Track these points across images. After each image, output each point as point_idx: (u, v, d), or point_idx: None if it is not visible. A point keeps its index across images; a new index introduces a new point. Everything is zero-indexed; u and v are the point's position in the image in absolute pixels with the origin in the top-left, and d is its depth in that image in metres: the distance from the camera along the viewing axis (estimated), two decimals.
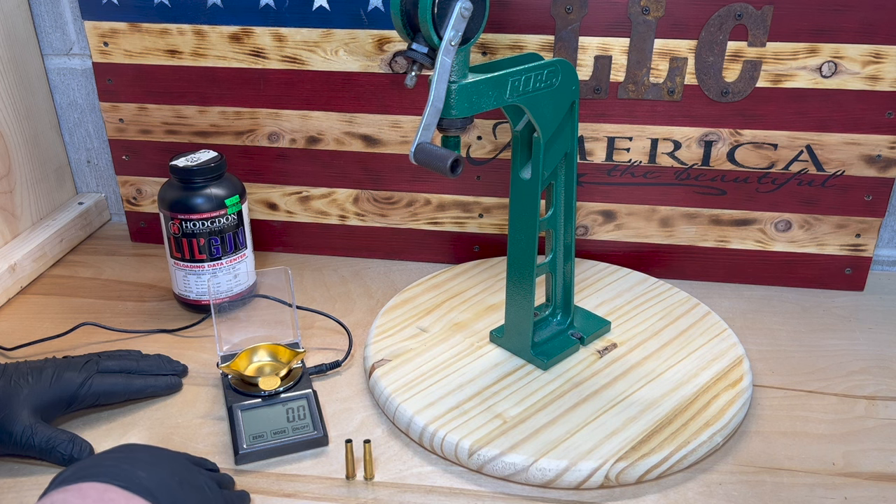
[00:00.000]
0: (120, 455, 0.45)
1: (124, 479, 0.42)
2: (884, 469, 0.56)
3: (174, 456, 0.49)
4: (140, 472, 0.43)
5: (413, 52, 0.50)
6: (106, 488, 0.40)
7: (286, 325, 0.68)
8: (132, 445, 0.48)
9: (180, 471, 0.46)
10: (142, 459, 0.45)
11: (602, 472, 0.54)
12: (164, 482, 0.44)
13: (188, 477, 0.47)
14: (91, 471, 0.42)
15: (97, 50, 0.80)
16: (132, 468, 0.43)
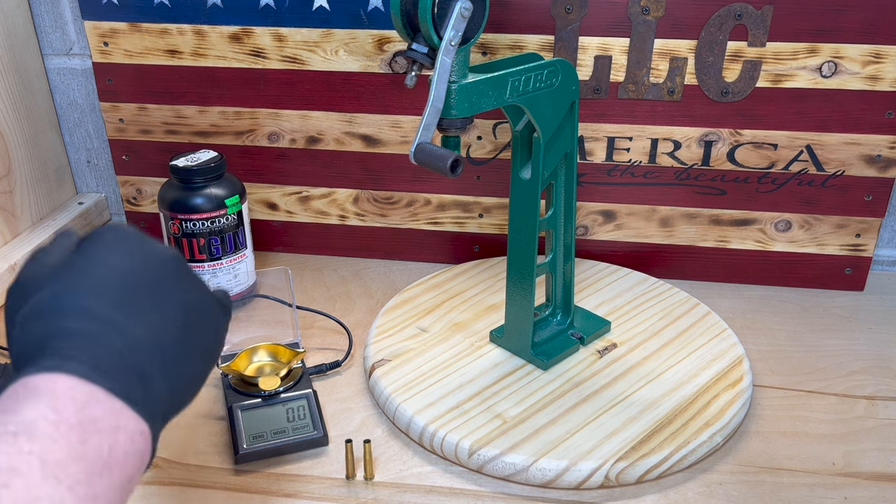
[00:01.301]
0: (94, 293, 0.34)
1: (106, 362, 0.32)
2: (884, 469, 0.56)
3: (174, 277, 0.37)
4: (131, 331, 0.33)
5: (413, 52, 0.50)
6: (76, 388, 0.30)
7: (286, 325, 0.68)
8: (102, 250, 0.36)
9: (186, 306, 0.37)
10: (130, 300, 0.34)
11: (602, 472, 0.54)
12: (164, 342, 0.35)
13: (197, 314, 0.37)
14: (55, 344, 0.32)
15: (97, 50, 0.80)
16: (117, 330, 0.33)
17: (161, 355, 0.34)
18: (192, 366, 0.37)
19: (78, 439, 0.29)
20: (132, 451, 0.31)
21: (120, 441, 0.31)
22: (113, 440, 0.30)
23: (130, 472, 0.31)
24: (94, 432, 0.30)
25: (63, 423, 0.29)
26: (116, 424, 0.31)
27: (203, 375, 0.39)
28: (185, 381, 0.37)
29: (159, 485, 0.55)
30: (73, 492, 0.28)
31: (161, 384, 0.34)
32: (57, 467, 0.28)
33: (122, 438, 0.31)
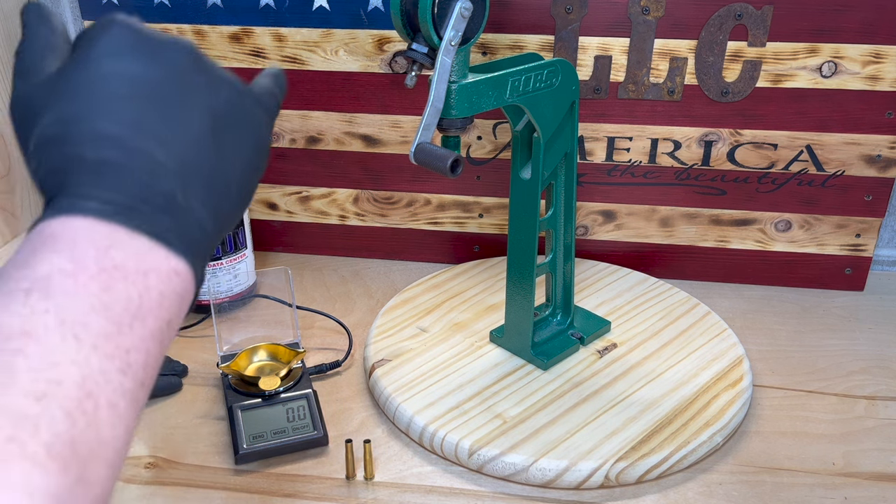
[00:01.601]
0: (103, 113, 0.28)
1: (126, 195, 0.27)
2: (884, 469, 0.56)
3: (194, 77, 0.31)
4: (153, 153, 0.28)
5: (413, 52, 0.50)
6: (94, 231, 0.27)
7: (286, 325, 0.68)
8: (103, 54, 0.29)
9: (215, 111, 0.31)
10: (145, 116, 0.29)
11: (602, 472, 0.54)
12: (194, 160, 0.29)
13: (229, 118, 0.31)
14: (68, 181, 0.28)
15: None
16: (135, 155, 0.28)
17: (192, 176, 0.29)
18: (231, 182, 0.31)
19: (100, 290, 0.25)
20: (168, 292, 0.28)
21: (151, 284, 0.27)
22: (143, 286, 0.27)
23: (168, 315, 0.28)
24: (118, 280, 0.26)
25: (82, 274, 0.25)
26: (145, 267, 0.27)
27: (248, 190, 0.33)
28: (226, 200, 0.31)
29: (159, 485, 0.55)
30: (99, 350, 0.25)
31: (198, 210, 0.30)
32: (77, 324, 0.25)
33: (153, 281, 0.27)
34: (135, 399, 0.26)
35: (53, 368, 0.23)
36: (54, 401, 0.23)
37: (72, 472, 0.23)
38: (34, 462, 0.22)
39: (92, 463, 0.24)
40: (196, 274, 0.29)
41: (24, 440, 0.22)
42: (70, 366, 0.24)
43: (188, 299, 0.29)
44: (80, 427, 0.23)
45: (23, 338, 0.24)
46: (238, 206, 0.33)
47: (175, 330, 0.29)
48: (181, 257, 0.28)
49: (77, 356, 0.24)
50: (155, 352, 0.27)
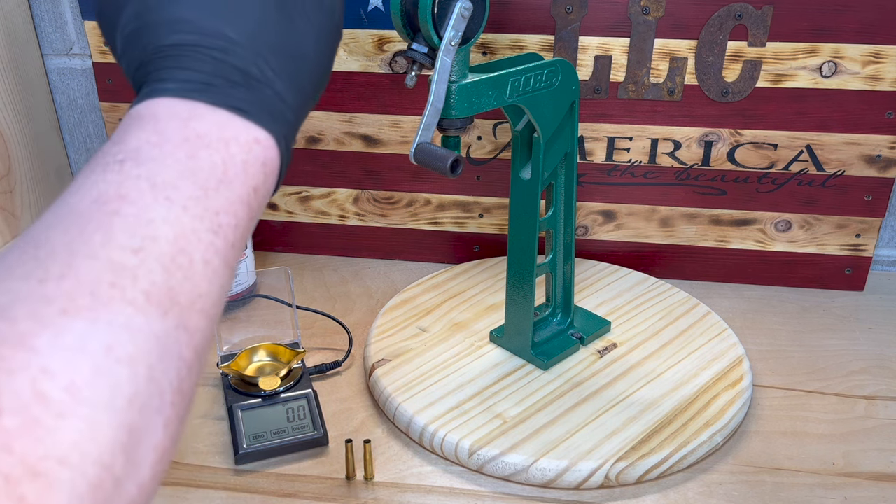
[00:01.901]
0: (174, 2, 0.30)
1: (203, 74, 0.29)
2: (884, 469, 0.56)
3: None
4: (224, 32, 0.30)
5: (413, 52, 0.50)
6: (175, 107, 0.29)
7: (286, 325, 0.68)
8: None
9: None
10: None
11: (602, 472, 0.54)
12: (264, 33, 0.31)
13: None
14: (150, 69, 0.30)
15: (97, 50, 0.80)
16: (209, 36, 0.30)
17: (264, 49, 0.31)
18: (305, 51, 0.33)
19: (186, 156, 0.28)
20: (251, 159, 0.29)
21: (234, 153, 0.29)
22: (226, 153, 0.29)
23: (254, 182, 0.30)
24: (201, 148, 0.28)
25: (167, 143, 0.28)
26: (226, 136, 0.29)
27: (325, 59, 0.34)
28: (303, 69, 0.33)
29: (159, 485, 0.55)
30: (189, 210, 0.27)
31: (274, 81, 0.31)
32: (167, 187, 0.27)
33: (235, 149, 0.29)
34: (226, 259, 0.28)
35: (148, 226, 0.25)
36: (150, 255, 0.25)
37: (171, 317, 0.25)
38: (135, 306, 0.24)
39: (191, 312, 0.26)
40: (279, 143, 0.31)
41: (125, 286, 0.24)
42: (163, 224, 0.26)
43: (273, 168, 0.31)
44: (176, 279, 0.25)
45: (118, 200, 0.26)
46: (317, 75, 0.34)
47: (263, 199, 0.31)
48: (260, 126, 0.30)
49: (169, 215, 0.26)
50: (243, 216, 0.29)
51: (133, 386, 0.23)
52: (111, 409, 0.22)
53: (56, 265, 0.24)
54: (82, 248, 0.24)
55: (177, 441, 0.26)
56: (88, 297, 0.23)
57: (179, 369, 0.25)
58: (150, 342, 0.24)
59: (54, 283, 0.23)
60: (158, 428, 0.24)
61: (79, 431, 0.21)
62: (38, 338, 0.22)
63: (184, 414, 0.26)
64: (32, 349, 0.21)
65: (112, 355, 0.23)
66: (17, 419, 0.20)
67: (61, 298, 0.23)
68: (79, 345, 0.22)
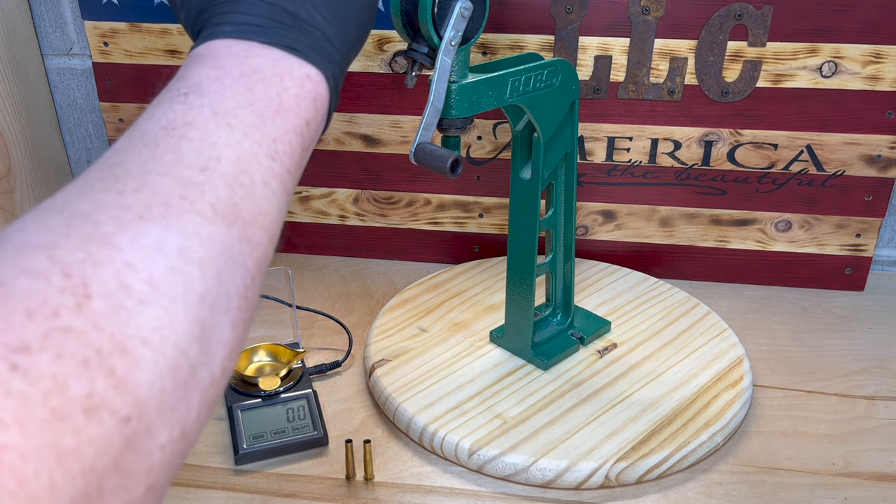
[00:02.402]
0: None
1: (257, 17, 0.33)
2: (884, 469, 0.56)
3: None
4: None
5: (413, 52, 0.50)
6: (232, 46, 0.32)
7: (286, 325, 0.68)
8: None
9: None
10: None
11: (602, 472, 0.54)
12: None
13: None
14: (208, 15, 0.34)
15: (97, 50, 0.80)
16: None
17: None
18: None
19: (244, 88, 0.30)
20: (303, 94, 0.32)
21: (287, 87, 0.32)
22: (280, 87, 0.31)
23: (306, 115, 0.32)
24: (258, 81, 0.31)
25: (227, 77, 0.30)
26: (280, 72, 0.32)
27: (369, 6, 0.38)
28: (349, 12, 0.36)
29: None
30: (248, 136, 0.29)
31: (322, 23, 0.34)
32: (228, 115, 0.29)
33: (288, 84, 0.32)
34: (284, 183, 0.31)
35: (212, 148, 0.28)
36: (216, 173, 0.27)
37: (235, 229, 0.27)
38: (203, 216, 0.26)
39: (253, 227, 0.28)
40: (328, 81, 0.34)
41: (194, 199, 0.26)
42: (225, 147, 0.28)
43: (323, 103, 0.34)
44: (239, 195, 0.28)
45: (185, 126, 0.28)
46: (362, 20, 0.37)
47: (314, 131, 0.34)
48: (311, 64, 0.33)
49: (230, 139, 0.29)
50: (297, 144, 0.32)
51: (203, 285, 0.25)
52: (185, 303, 0.24)
53: (132, 180, 0.26)
54: (155, 166, 0.27)
55: (242, 344, 0.28)
56: (162, 206, 0.25)
57: (244, 277, 0.27)
58: (218, 249, 0.26)
59: (131, 194, 0.25)
60: (227, 327, 0.26)
61: (158, 318, 0.23)
62: (121, 237, 0.24)
63: (248, 319, 0.28)
64: (117, 246, 0.23)
65: (185, 256, 0.25)
66: (105, 303, 0.22)
67: (138, 206, 0.25)
68: (156, 245, 0.24)
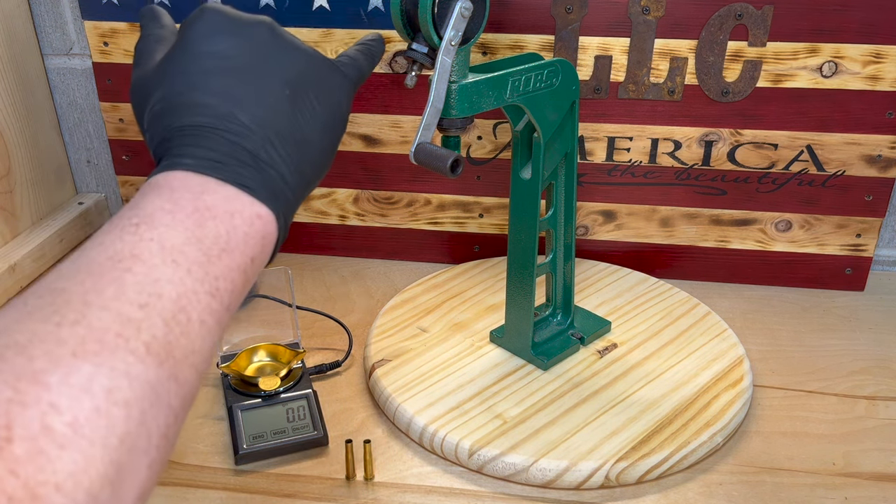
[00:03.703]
0: (199, 89, 0.34)
1: (217, 153, 0.33)
2: (884, 469, 0.56)
3: (272, 51, 0.37)
4: (240, 118, 0.34)
5: (413, 52, 0.50)
6: (189, 181, 0.32)
7: (286, 325, 0.68)
8: (198, 37, 0.36)
9: (291, 80, 0.36)
10: (233, 88, 0.34)
11: (602, 472, 0.54)
12: (275, 122, 0.34)
13: (306, 85, 0.36)
14: (171, 145, 0.34)
15: (97, 50, 0.80)
16: (225, 120, 0.34)
17: (273, 136, 0.35)
18: (309, 140, 0.36)
19: (194, 225, 0.31)
20: (252, 232, 0.33)
21: (237, 224, 0.32)
22: (230, 225, 0.32)
23: (252, 252, 0.33)
24: (209, 219, 0.31)
25: (179, 212, 0.31)
26: (231, 209, 0.32)
27: (328, 148, 0.38)
28: (306, 156, 0.36)
29: (159, 485, 0.55)
30: (192, 274, 0.30)
31: (279, 164, 0.35)
32: (175, 251, 0.30)
33: (238, 222, 0.32)
34: (220, 320, 0.31)
35: (155, 284, 0.28)
36: (154, 310, 0.28)
37: (166, 368, 0.28)
38: (136, 355, 0.26)
39: (183, 365, 0.29)
40: (278, 220, 0.35)
41: (129, 336, 0.27)
42: (168, 284, 0.29)
43: (270, 241, 0.34)
44: (175, 334, 0.28)
45: (131, 259, 0.29)
46: (319, 162, 0.38)
47: (258, 267, 0.34)
48: (263, 203, 0.34)
49: (174, 276, 0.29)
50: (239, 282, 0.32)
51: (126, 427, 0.25)
52: (105, 446, 0.24)
53: (71, 312, 0.26)
54: (96, 299, 0.27)
55: (156, 482, 0.28)
56: (97, 343, 0.26)
57: (167, 416, 0.28)
58: (146, 389, 0.26)
59: (69, 327, 0.26)
60: (143, 467, 0.26)
61: (75, 463, 0.23)
62: (51, 375, 0.24)
63: (166, 458, 0.28)
64: (45, 385, 0.24)
65: (111, 398, 0.25)
66: (25, 447, 0.22)
67: (73, 341, 0.25)
68: (85, 385, 0.25)
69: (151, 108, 0.36)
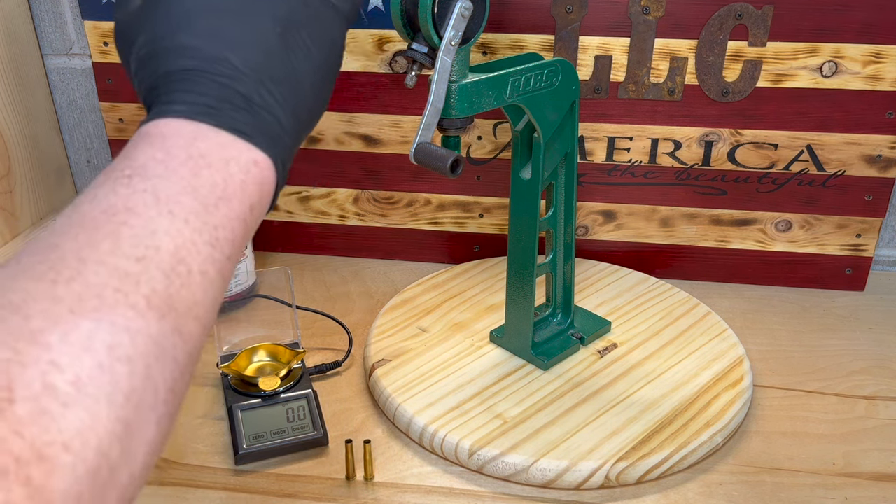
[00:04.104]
0: (185, 31, 0.33)
1: (208, 98, 0.31)
2: (884, 469, 0.56)
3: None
4: (230, 60, 0.32)
5: (413, 52, 0.50)
6: (181, 128, 0.31)
7: (286, 325, 0.68)
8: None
9: (284, 18, 0.34)
10: (221, 28, 0.33)
11: (602, 472, 0.54)
12: (267, 64, 0.33)
13: (299, 24, 0.34)
14: (160, 91, 0.32)
15: (97, 50, 0.80)
16: (215, 63, 0.32)
17: (266, 77, 0.33)
18: (304, 81, 0.35)
19: (189, 174, 0.30)
20: (249, 180, 0.32)
21: (233, 172, 0.31)
22: (226, 172, 0.31)
23: (250, 201, 0.32)
24: (204, 166, 0.30)
25: (172, 161, 0.30)
26: (227, 156, 0.31)
27: (322, 91, 0.36)
28: (301, 98, 0.35)
29: (159, 485, 0.55)
30: (189, 223, 0.29)
31: (274, 107, 0.33)
32: (171, 201, 0.29)
33: (234, 169, 0.31)
34: (221, 270, 0.30)
35: (152, 237, 0.27)
36: (152, 263, 0.27)
37: (168, 322, 0.27)
38: (136, 309, 0.26)
39: (186, 318, 0.28)
40: (276, 165, 0.33)
41: (128, 291, 0.26)
42: (165, 235, 0.28)
43: (268, 188, 0.33)
44: (175, 286, 0.27)
45: (125, 212, 0.28)
46: (314, 104, 0.36)
47: (258, 216, 0.33)
48: (259, 149, 0.32)
49: (171, 227, 0.28)
50: (239, 231, 0.31)
51: (131, 383, 0.25)
52: (110, 403, 0.24)
53: (66, 269, 0.26)
54: (91, 254, 0.26)
55: (167, 437, 0.27)
56: (95, 299, 0.25)
57: (173, 370, 0.27)
58: (149, 344, 0.26)
59: (64, 284, 0.25)
60: (151, 423, 0.26)
61: (81, 421, 0.23)
62: (50, 334, 0.24)
63: (175, 412, 0.28)
64: (44, 344, 0.23)
65: (114, 354, 0.25)
66: (28, 407, 0.22)
67: (70, 299, 0.25)
68: (85, 342, 0.24)
69: (137, 54, 0.34)
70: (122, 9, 0.36)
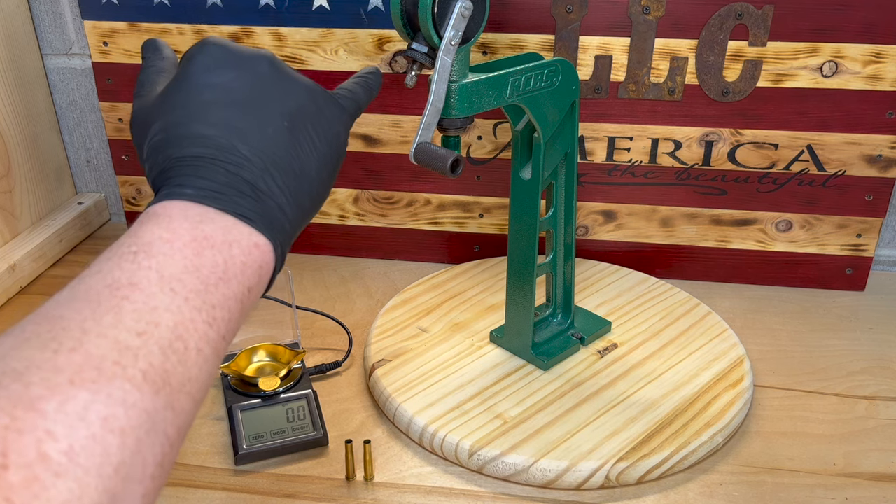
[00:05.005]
0: (199, 120, 0.35)
1: (216, 184, 0.33)
2: (885, 469, 0.56)
3: (272, 84, 0.37)
4: (239, 149, 0.34)
5: (413, 52, 0.50)
6: (188, 210, 0.33)
7: (286, 325, 0.68)
8: (199, 69, 0.36)
9: (291, 112, 0.36)
10: (233, 119, 0.35)
11: (602, 472, 0.54)
12: (273, 153, 0.35)
13: (305, 118, 0.37)
14: (170, 175, 0.34)
15: (97, 50, 0.80)
16: (224, 151, 0.34)
17: (272, 167, 0.35)
18: (308, 172, 0.37)
19: (192, 254, 0.31)
20: (250, 262, 0.33)
21: (235, 254, 0.33)
22: (227, 254, 0.32)
23: (249, 282, 0.33)
24: (207, 248, 0.32)
25: (177, 241, 0.31)
26: (230, 239, 0.33)
27: (325, 179, 0.38)
28: (304, 187, 0.37)
29: None
30: (190, 302, 0.30)
31: (277, 195, 0.35)
32: (173, 280, 0.30)
33: (236, 251, 0.33)
34: (216, 349, 0.31)
35: (153, 313, 0.29)
36: (152, 338, 0.28)
37: (162, 396, 0.28)
38: (133, 383, 0.26)
39: (180, 394, 0.29)
40: (275, 249, 0.35)
41: (126, 364, 0.27)
42: (165, 312, 0.29)
43: (267, 271, 0.35)
44: (171, 362, 0.28)
45: (129, 287, 0.29)
46: (317, 193, 0.38)
47: (255, 297, 0.34)
48: (261, 233, 0.34)
49: (172, 305, 0.29)
50: (236, 311, 0.33)
51: (121, 455, 0.25)
52: (99, 475, 0.24)
53: (69, 339, 0.26)
54: (94, 326, 0.27)
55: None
56: (94, 370, 0.26)
57: (163, 445, 0.28)
58: (142, 417, 0.26)
59: (66, 354, 0.26)
60: (137, 496, 0.26)
61: (70, 491, 0.23)
62: (48, 402, 0.24)
63: (160, 487, 0.28)
64: (42, 412, 0.24)
65: (107, 425, 0.25)
66: (21, 475, 0.22)
67: (71, 369, 0.25)
68: (81, 412, 0.25)
69: (151, 139, 0.36)
70: (140, 97, 0.39)
